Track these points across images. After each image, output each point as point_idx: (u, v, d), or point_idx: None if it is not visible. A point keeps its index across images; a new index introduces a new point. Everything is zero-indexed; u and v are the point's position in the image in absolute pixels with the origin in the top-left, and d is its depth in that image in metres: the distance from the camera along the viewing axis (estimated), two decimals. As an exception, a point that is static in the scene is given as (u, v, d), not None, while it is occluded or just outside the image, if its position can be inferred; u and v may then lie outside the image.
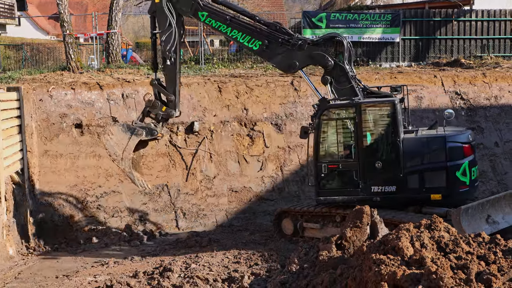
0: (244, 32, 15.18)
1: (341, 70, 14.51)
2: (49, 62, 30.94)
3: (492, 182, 20.78)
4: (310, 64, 15.20)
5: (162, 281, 11.88)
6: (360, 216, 11.06)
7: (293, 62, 14.88)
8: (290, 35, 14.93)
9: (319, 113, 14.36)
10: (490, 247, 8.51)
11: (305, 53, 14.79)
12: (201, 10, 15.41)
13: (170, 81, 16.04)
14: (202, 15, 15.41)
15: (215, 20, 15.34)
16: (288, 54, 14.88)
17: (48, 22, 64.83)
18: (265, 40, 15.02)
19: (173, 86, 16.02)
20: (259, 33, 15.13)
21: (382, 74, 22.91)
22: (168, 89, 16.07)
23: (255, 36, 15.14)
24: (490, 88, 22.48)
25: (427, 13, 28.45)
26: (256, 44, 15.11)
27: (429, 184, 13.73)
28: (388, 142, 14.11)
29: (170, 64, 15.78)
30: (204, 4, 15.44)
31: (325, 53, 14.75)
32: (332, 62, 14.51)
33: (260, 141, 20.43)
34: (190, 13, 15.57)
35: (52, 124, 19.18)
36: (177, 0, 15.56)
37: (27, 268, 14.52)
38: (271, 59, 15.34)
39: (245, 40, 15.19)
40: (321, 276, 9.51)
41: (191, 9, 15.47)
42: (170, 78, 16.01)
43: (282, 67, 15.39)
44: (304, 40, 14.88)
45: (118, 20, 26.09)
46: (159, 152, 19.61)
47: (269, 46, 15.01)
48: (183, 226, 18.88)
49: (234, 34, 15.24)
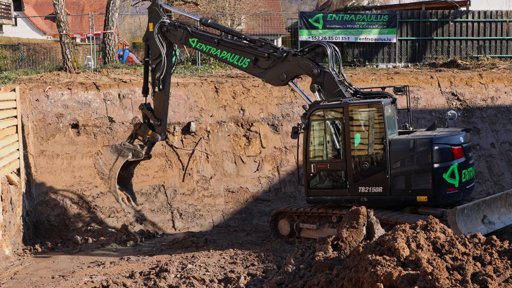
0: (232, 52, 15.62)
1: (327, 77, 14.65)
2: (45, 62, 30.94)
3: (489, 183, 20.82)
4: (298, 74, 15.33)
5: (159, 282, 11.87)
6: (357, 217, 11.06)
7: (282, 75, 15.13)
8: (276, 49, 15.17)
9: (308, 113, 14.44)
10: (486, 248, 8.52)
11: (292, 64, 15.03)
12: (191, 37, 16.00)
13: (157, 108, 16.76)
14: (193, 41, 16.01)
15: (205, 45, 15.92)
16: (276, 67, 15.15)
17: (45, 22, 64.81)
18: (252, 57, 15.36)
19: (160, 112, 16.71)
20: (246, 51, 15.48)
21: (379, 75, 22.93)
22: (156, 115, 16.78)
23: (243, 54, 15.53)
24: (486, 89, 22.52)
25: (424, 14, 28.49)
26: (245, 62, 15.49)
27: (415, 185, 13.76)
28: (375, 143, 14.19)
29: (159, 91, 16.43)
30: (193, 31, 16.04)
31: (311, 61, 14.99)
32: (318, 70, 14.70)
33: (257, 142, 20.44)
34: (181, 41, 16.26)
35: (49, 124, 19.16)
36: (168, 30, 16.13)
37: (23, 268, 14.50)
38: (260, 74, 15.57)
39: (234, 59, 15.62)
40: (317, 276, 9.51)
41: (182, 37, 16.10)
42: (158, 104, 16.70)
43: (272, 80, 15.62)
44: (289, 52, 15.11)
45: (115, 20, 26.06)
46: (156, 152, 19.60)
47: (257, 62, 15.35)
48: (180, 226, 18.89)
49: (224, 55, 15.71)
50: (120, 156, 16.75)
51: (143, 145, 17.09)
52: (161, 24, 16.09)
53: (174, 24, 16.13)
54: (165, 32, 16.14)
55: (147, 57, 16.56)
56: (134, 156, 16.84)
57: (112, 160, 16.77)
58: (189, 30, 15.98)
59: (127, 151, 16.77)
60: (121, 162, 16.84)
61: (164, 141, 19.77)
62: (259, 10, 50.32)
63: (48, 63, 30.64)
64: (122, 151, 16.75)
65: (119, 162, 16.80)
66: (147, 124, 16.88)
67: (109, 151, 16.86)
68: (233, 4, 45.27)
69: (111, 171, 16.77)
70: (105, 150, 16.94)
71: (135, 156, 16.86)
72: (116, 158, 16.75)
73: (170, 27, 16.11)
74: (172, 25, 16.12)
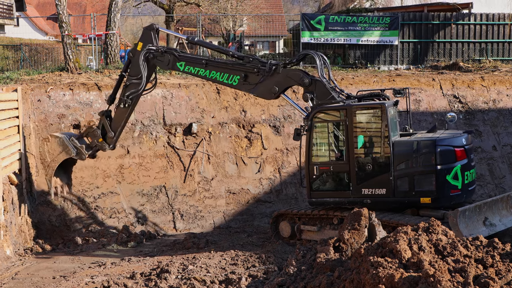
0: (221, 71, 15.52)
1: (319, 85, 14.59)
2: (47, 63, 30.96)
3: (490, 186, 20.81)
4: (289, 85, 15.23)
5: (160, 283, 11.87)
6: (358, 219, 11.04)
7: (273, 88, 15.03)
8: (264, 63, 15.10)
9: (310, 115, 14.42)
10: (488, 251, 8.51)
11: (282, 76, 14.96)
12: (178, 61, 15.86)
13: (116, 121, 16.61)
14: (181, 65, 15.88)
15: (193, 67, 15.78)
16: (266, 81, 15.06)
17: (47, 23, 64.87)
18: (242, 73, 15.27)
19: (117, 126, 16.63)
20: (235, 68, 15.42)
21: (381, 77, 22.93)
22: (112, 126, 16.66)
23: (232, 72, 15.43)
24: (488, 91, 22.51)
25: (426, 16, 28.49)
26: (235, 79, 15.39)
27: (419, 187, 13.75)
28: (378, 145, 14.18)
29: (123, 107, 16.30)
30: (180, 55, 15.91)
31: (300, 71, 15.00)
32: (308, 79, 14.63)
33: (258, 143, 20.44)
34: (169, 66, 16.09)
35: (50, 125, 19.17)
36: (155, 56, 15.98)
37: (24, 268, 14.50)
38: (251, 90, 15.46)
39: (223, 78, 15.51)
40: (319, 278, 9.49)
41: (170, 62, 15.94)
42: (118, 119, 16.57)
43: (264, 95, 15.54)
44: (277, 64, 15.05)
45: (117, 21, 26.07)
46: (157, 153, 19.62)
47: (247, 78, 15.25)
48: (181, 227, 18.89)
49: (213, 75, 15.61)
50: (64, 151, 16.77)
51: (89, 146, 17.01)
52: (147, 51, 15.90)
53: (160, 50, 15.95)
54: (151, 59, 15.99)
55: (125, 71, 16.42)
56: (77, 155, 16.84)
57: (56, 152, 16.80)
58: (176, 54, 15.85)
59: (72, 149, 16.72)
60: (63, 157, 16.86)
61: (166, 143, 19.78)
62: (261, 11, 50.43)
63: (50, 63, 30.66)
64: (67, 147, 16.73)
65: (61, 156, 16.83)
66: (101, 131, 16.79)
67: (56, 142, 16.84)
68: (235, 5, 45.31)
69: (52, 162, 16.86)
70: (53, 140, 16.90)
71: (78, 156, 16.85)
72: (60, 151, 16.78)
73: (156, 53, 15.94)
74: (158, 51, 15.94)
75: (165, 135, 19.87)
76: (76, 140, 16.92)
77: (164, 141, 19.84)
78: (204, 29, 41.27)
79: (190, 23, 46.51)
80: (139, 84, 15.93)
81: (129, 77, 16.22)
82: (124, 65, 16.72)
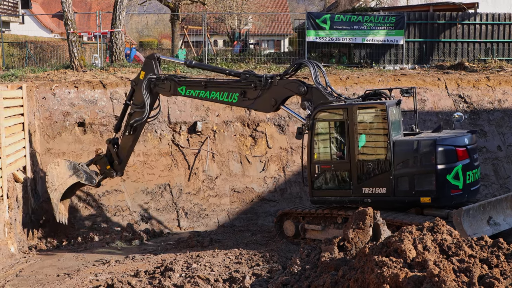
0: (220, 91, 15.68)
1: (315, 92, 14.66)
2: (52, 60, 30.98)
3: (495, 186, 20.77)
4: (287, 96, 15.28)
5: (163, 281, 11.87)
6: (363, 218, 11.03)
7: (271, 100, 15.15)
8: (260, 77, 15.20)
9: (312, 114, 14.43)
10: (492, 251, 8.49)
11: (279, 88, 15.05)
12: (179, 86, 16.08)
13: (123, 148, 16.93)
14: (181, 89, 16.11)
15: (193, 90, 16.02)
16: (265, 95, 15.16)
17: (52, 20, 64.93)
18: (240, 90, 15.43)
19: (124, 153, 16.93)
20: (233, 86, 15.59)
21: (386, 77, 22.89)
22: (119, 154, 16.94)
23: (231, 90, 15.59)
24: (493, 91, 22.46)
25: (432, 15, 28.43)
26: (234, 97, 15.53)
27: (419, 187, 13.74)
28: (379, 144, 14.18)
29: (128, 135, 16.62)
30: (180, 80, 16.11)
31: (296, 81, 15.08)
32: (305, 87, 14.70)
33: (263, 142, 20.43)
34: (171, 92, 16.32)
35: (55, 122, 19.19)
36: (156, 84, 16.21)
37: (28, 266, 14.52)
38: (251, 105, 15.61)
39: (223, 97, 15.67)
40: (323, 277, 9.49)
41: (171, 89, 16.17)
42: (124, 146, 16.89)
43: (263, 108, 15.71)
44: (273, 77, 15.17)
45: (122, 19, 26.09)
46: (162, 151, 19.63)
47: (246, 94, 15.37)
48: (185, 225, 18.89)
49: (214, 95, 15.79)
50: (74, 175, 16.84)
51: (98, 173, 17.17)
52: (148, 80, 16.16)
53: (161, 78, 16.18)
54: (153, 87, 16.25)
55: (129, 100, 16.68)
56: (86, 180, 16.95)
57: (66, 176, 16.83)
58: (176, 80, 16.06)
59: (83, 173, 16.85)
60: (73, 181, 16.92)
61: (170, 141, 19.80)
62: (266, 10, 50.39)
63: (55, 61, 30.69)
64: (78, 171, 16.84)
65: (71, 180, 16.89)
66: (108, 159, 17.01)
67: (66, 166, 16.88)
68: (241, 4, 45.30)
69: (60, 185, 16.85)
70: (62, 164, 16.94)
71: (88, 180, 16.97)
72: (70, 175, 16.82)
73: (158, 81, 16.18)
74: (159, 79, 16.18)
75: (170, 133, 19.88)
76: (85, 166, 17.12)
77: (168, 139, 19.85)
78: (209, 27, 41.30)
79: (195, 21, 46.49)
80: (143, 112, 16.24)
81: (133, 106, 16.53)
82: (128, 94, 17.01)
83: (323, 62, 27.23)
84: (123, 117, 16.93)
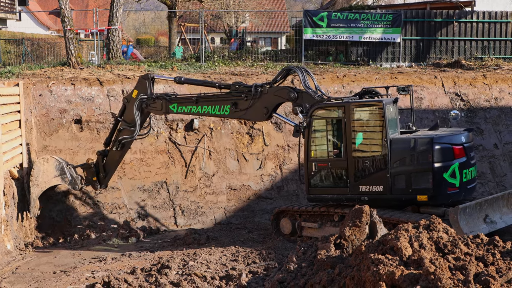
0: (212, 104, 15.78)
1: (305, 96, 14.73)
2: (49, 58, 30.95)
3: (491, 184, 20.80)
4: (278, 103, 15.32)
5: (160, 278, 11.88)
6: (359, 216, 11.04)
7: (263, 109, 15.21)
8: (250, 87, 15.29)
9: (309, 112, 14.45)
10: (488, 249, 8.51)
11: (269, 95, 15.13)
12: (170, 104, 16.18)
13: (109, 162, 17.17)
14: (173, 107, 16.21)
15: (185, 106, 16.12)
16: (256, 104, 15.24)
17: (49, 17, 64.88)
18: (231, 102, 15.50)
19: (110, 167, 17.19)
20: (224, 98, 15.67)
21: (383, 74, 22.91)
22: (106, 167, 17.17)
23: (222, 103, 15.68)
24: (490, 89, 22.49)
25: (428, 13, 28.45)
26: (226, 109, 15.61)
27: (416, 185, 13.76)
28: (376, 142, 14.20)
29: (116, 150, 16.85)
30: (171, 98, 16.24)
31: (286, 87, 15.16)
32: (295, 93, 14.78)
33: (260, 140, 20.43)
34: (163, 111, 16.42)
35: (52, 120, 19.17)
36: (148, 104, 16.34)
37: (25, 263, 14.52)
38: (243, 115, 15.70)
39: (215, 110, 15.75)
40: (319, 275, 9.50)
41: (162, 107, 16.27)
42: (111, 160, 17.13)
43: (256, 117, 15.82)
44: (263, 85, 15.27)
45: (119, 16, 26.08)
46: (159, 149, 19.62)
47: (237, 105, 15.45)
48: (182, 223, 18.90)
49: (206, 109, 15.89)
50: (60, 177, 16.94)
51: (83, 179, 17.30)
52: (140, 101, 16.31)
53: (152, 97, 16.27)
54: (144, 108, 16.40)
55: (120, 116, 16.81)
56: (70, 184, 17.09)
57: (51, 175, 16.92)
58: (167, 98, 16.17)
59: (68, 176, 16.95)
60: (57, 182, 17.06)
61: (167, 138, 19.79)
62: (264, 8, 50.36)
63: (52, 58, 30.66)
64: (64, 173, 16.93)
65: (55, 180, 17.01)
66: (95, 169, 17.18)
67: (54, 165, 16.95)
68: (238, 1, 45.28)
69: (44, 182, 16.93)
70: (51, 162, 17.00)
71: (71, 185, 17.10)
72: (55, 175, 16.92)
73: (149, 101, 16.29)
74: (151, 99, 16.28)
75: (167, 130, 19.87)
76: (73, 169, 17.24)
77: (165, 137, 19.85)
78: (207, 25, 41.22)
79: (192, 19, 46.46)
80: (133, 131, 16.45)
81: (123, 122, 16.67)
82: (119, 110, 17.12)
83: (320, 60, 27.27)
84: (113, 132, 17.10)
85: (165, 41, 54.69)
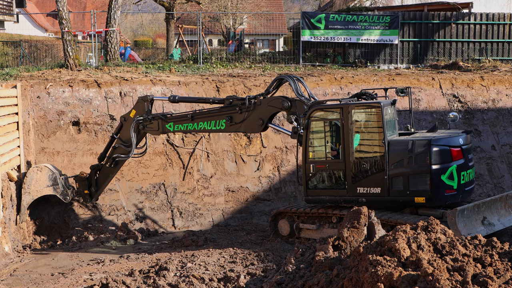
0: (207, 120, 15.90)
1: (299, 104, 14.86)
2: (47, 59, 30.93)
3: (489, 186, 20.81)
4: (273, 113, 15.43)
5: (158, 280, 11.88)
6: (358, 217, 11.06)
7: (258, 120, 15.33)
8: (243, 100, 15.41)
9: (307, 113, 14.47)
10: (486, 250, 8.52)
11: (263, 106, 15.25)
12: (167, 123, 16.31)
13: (101, 177, 17.41)
14: (169, 126, 16.35)
15: (181, 124, 16.24)
16: (251, 116, 15.36)
17: (47, 19, 64.84)
18: (226, 116, 15.61)
19: (101, 182, 17.44)
20: (219, 113, 15.77)
21: (380, 76, 22.93)
22: (98, 181, 17.43)
23: (217, 118, 15.80)
24: (487, 91, 22.52)
25: (426, 15, 28.47)
26: (222, 123, 15.74)
27: (413, 187, 13.76)
28: (374, 143, 14.20)
29: (109, 167, 17.10)
30: (167, 117, 16.38)
31: (279, 97, 15.24)
32: (288, 102, 14.92)
33: (258, 141, 20.43)
34: (160, 131, 16.60)
35: (50, 121, 19.16)
36: (144, 126, 16.52)
37: (22, 265, 14.51)
38: (239, 129, 15.77)
39: (211, 125, 15.87)
40: (317, 276, 9.51)
41: (159, 127, 16.44)
42: (103, 176, 17.37)
43: (252, 129, 15.84)
44: (256, 97, 15.40)
45: (117, 18, 26.06)
46: (156, 150, 19.61)
47: (233, 119, 15.57)
48: (180, 225, 18.88)
49: (201, 126, 16.01)
50: (52, 187, 17.03)
51: (74, 191, 17.47)
52: (136, 123, 16.47)
53: (148, 118, 16.39)
54: (141, 129, 16.56)
55: (116, 134, 16.97)
56: (61, 195, 17.16)
57: (43, 185, 16.98)
58: (163, 118, 16.32)
59: (60, 187, 17.05)
60: (48, 192, 17.08)
61: (165, 140, 19.78)
62: (261, 9, 50.42)
63: (49, 60, 30.62)
64: (57, 184, 17.02)
65: (47, 190, 17.05)
66: (88, 183, 17.36)
67: (47, 175, 17.02)
68: (236, 3, 45.30)
69: (35, 191, 16.96)
70: (45, 172, 17.05)
71: (62, 196, 17.17)
72: (48, 185, 16.99)
73: (146, 122, 16.44)
74: (147, 120, 16.40)
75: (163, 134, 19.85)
76: (66, 180, 17.37)
77: (163, 139, 19.83)
78: (204, 27, 41.27)
79: (190, 20, 46.49)
80: (129, 151, 16.68)
81: (119, 140, 16.85)
82: (116, 128, 17.30)
83: (317, 62, 27.28)
84: (108, 148, 17.22)
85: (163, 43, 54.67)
